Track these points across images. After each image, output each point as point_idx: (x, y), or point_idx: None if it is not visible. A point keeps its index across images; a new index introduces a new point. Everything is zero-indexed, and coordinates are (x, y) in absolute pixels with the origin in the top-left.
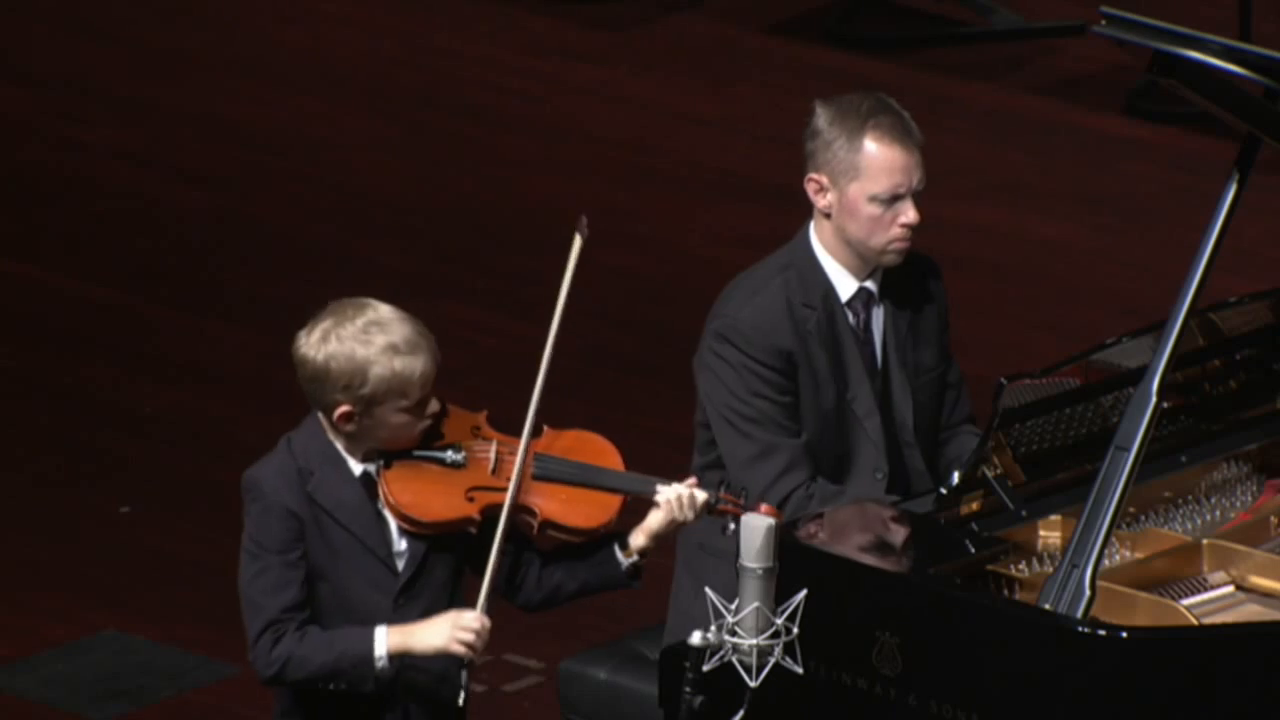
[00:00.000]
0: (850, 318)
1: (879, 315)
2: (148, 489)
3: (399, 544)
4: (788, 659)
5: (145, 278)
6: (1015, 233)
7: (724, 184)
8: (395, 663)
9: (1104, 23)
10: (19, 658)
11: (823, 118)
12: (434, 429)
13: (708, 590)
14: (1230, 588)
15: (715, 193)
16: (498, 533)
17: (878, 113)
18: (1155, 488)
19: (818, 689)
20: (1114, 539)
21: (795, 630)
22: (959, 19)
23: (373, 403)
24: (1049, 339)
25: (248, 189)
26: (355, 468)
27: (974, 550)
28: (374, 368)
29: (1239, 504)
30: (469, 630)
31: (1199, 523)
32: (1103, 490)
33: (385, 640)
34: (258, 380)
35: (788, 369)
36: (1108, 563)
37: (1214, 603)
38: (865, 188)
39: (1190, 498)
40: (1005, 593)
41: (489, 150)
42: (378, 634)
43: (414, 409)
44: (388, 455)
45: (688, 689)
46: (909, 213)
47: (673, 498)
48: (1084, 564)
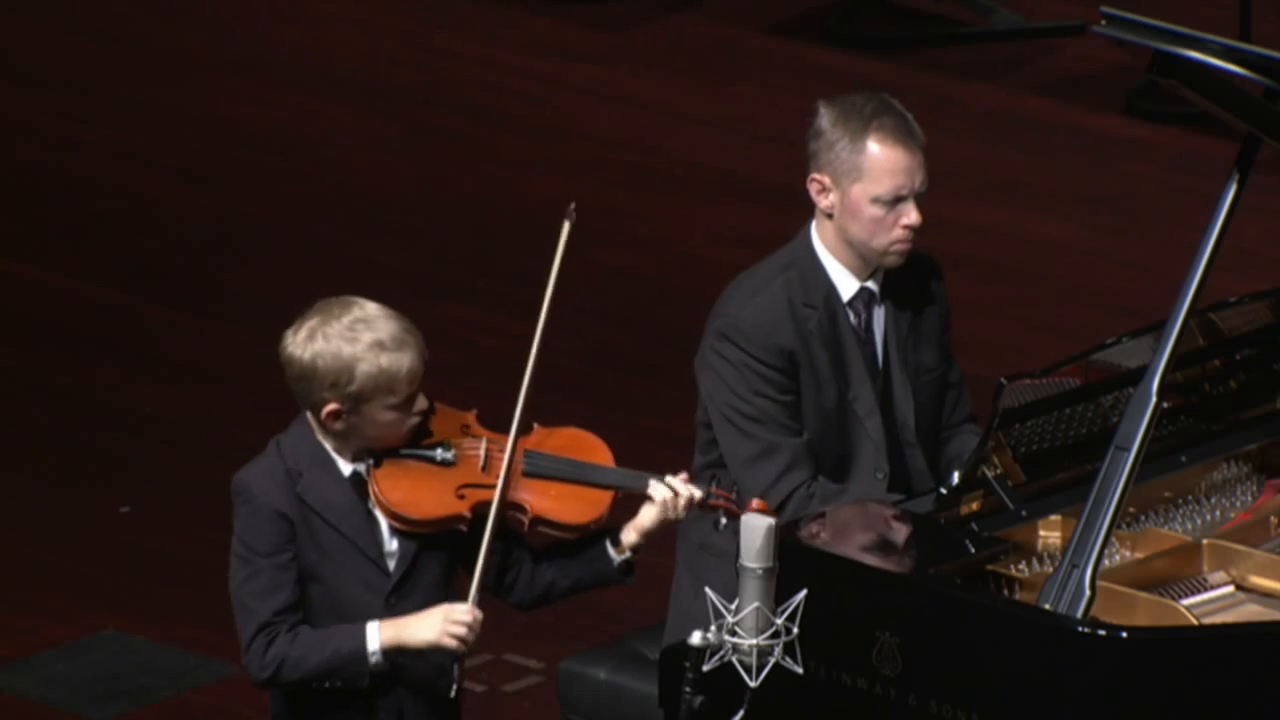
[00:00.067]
0: (851, 317)
1: (880, 315)
2: (148, 489)
3: (390, 544)
4: (788, 659)
5: (145, 278)
6: (1015, 233)
7: (724, 184)
8: (389, 657)
9: (1104, 23)
10: (19, 658)
11: (826, 118)
12: (423, 428)
13: (708, 590)
14: (1230, 588)
15: (715, 193)
16: (488, 528)
17: (881, 114)
18: (1155, 488)
19: (818, 689)
20: (1114, 539)
21: (795, 630)
22: (959, 19)
23: (360, 400)
24: (1049, 339)
25: (248, 189)
26: (345, 468)
27: (974, 550)
28: (361, 365)
29: (1239, 504)
30: (460, 623)
31: (1199, 523)
32: (1103, 490)
33: (378, 636)
34: (258, 380)
35: (789, 368)
36: (1108, 563)
37: (1214, 603)
38: (868, 189)
39: (1190, 498)
40: (1005, 593)
41: (489, 150)
42: (370, 630)
43: (402, 406)
44: (377, 454)
45: (688, 689)
46: (911, 214)
47: (665, 493)
48: (1084, 564)
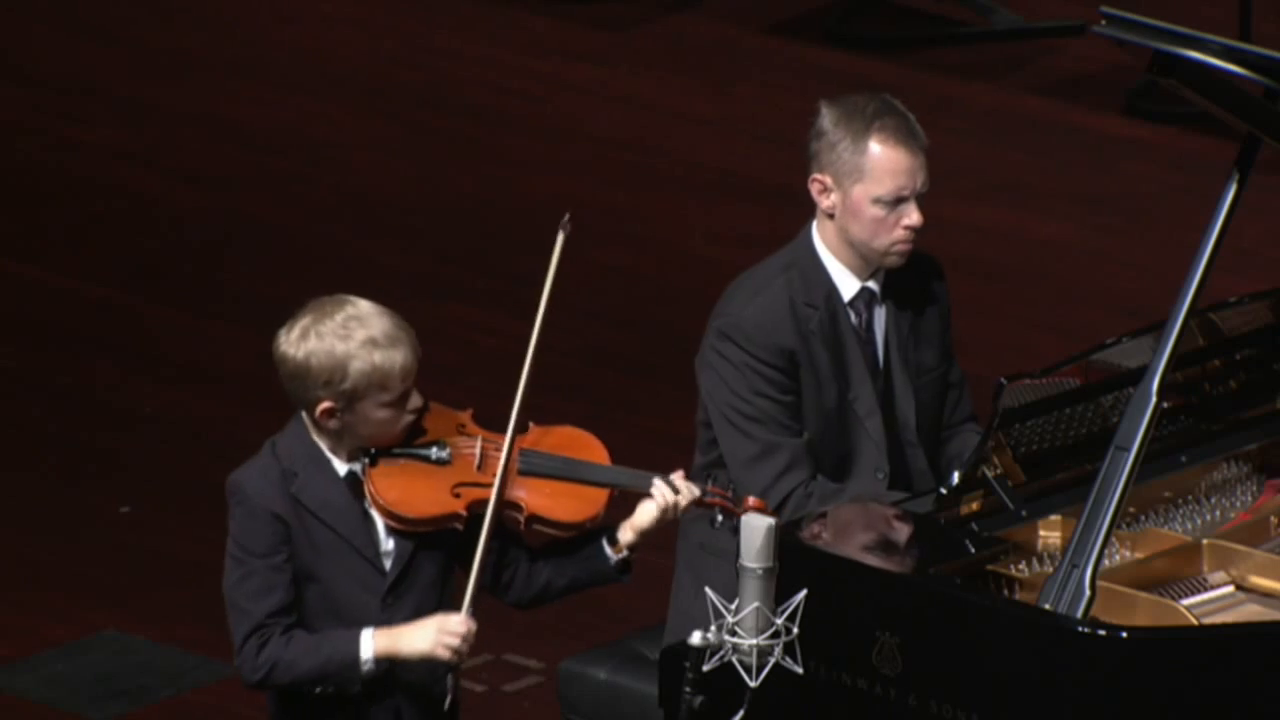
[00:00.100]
0: (852, 317)
1: (881, 315)
2: (148, 489)
3: (386, 543)
4: (788, 659)
5: (145, 278)
6: (1015, 233)
7: (724, 184)
8: (381, 665)
9: (1104, 23)
10: (19, 658)
11: (828, 118)
12: (419, 427)
13: (708, 590)
14: (1230, 588)
15: (715, 193)
16: (484, 528)
17: (883, 114)
18: (1155, 488)
19: (818, 689)
20: (1114, 539)
21: (795, 630)
22: (959, 19)
23: (354, 398)
24: (1049, 339)
25: (248, 189)
26: (340, 468)
27: (974, 550)
28: (354, 362)
29: (1239, 504)
30: (455, 635)
31: (1199, 523)
32: (1103, 490)
33: (372, 644)
34: (258, 380)
35: (789, 368)
36: (1108, 563)
37: (1214, 603)
38: (869, 190)
39: (1190, 498)
40: (1005, 593)
41: (489, 150)
42: (364, 637)
43: (396, 403)
44: (373, 454)
45: (688, 689)
46: (912, 215)
47: (661, 491)
48: (1084, 564)
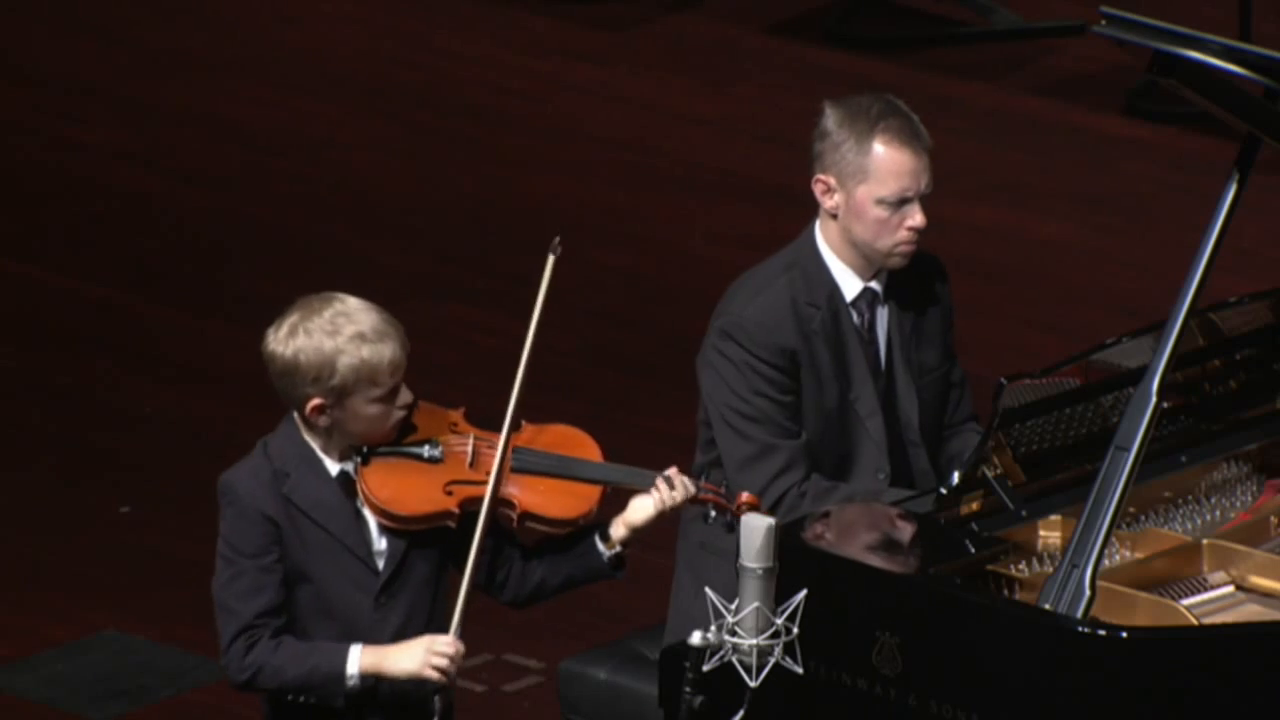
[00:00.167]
0: (854, 317)
1: (883, 315)
2: (148, 489)
3: (379, 543)
4: (788, 659)
5: (145, 278)
6: (1015, 233)
7: (724, 184)
8: (367, 681)
9: (1104, 23)
10: (19, 658)
11: (832, 119)
12: (410, 426)
13: (708, 590)
14: (1230, 588)
15: (715, 193)
16: (479, 525)
17: (887, 115)
18: (1155, 488)
19: (818, 689)
20: (1114, 539)
21: (795, 630)
22: (959, 19)
23: (344, 394)
24: (1049, 339)
25: (248, 189)
26: (332, 467)
27: (974, 550)
28: (342, 357)
29: (1239, 504)
30: (442, 655)
31: (1199, 523)
32: (1103, 490)
33: (358, 660)
34: (258, 380)
35: (790, 368)
36: (1108, 563)
37: (1214, 603)
38: (873, 191)
39: (1190, 498)
40: (1005, 593)
41: (489, 150)
42: (352, 653)
43: (385, 398)
44: (365, 453)
45: (688, 689)
46: (916, 216)
47: (653, 488)
48: (1084, 564)
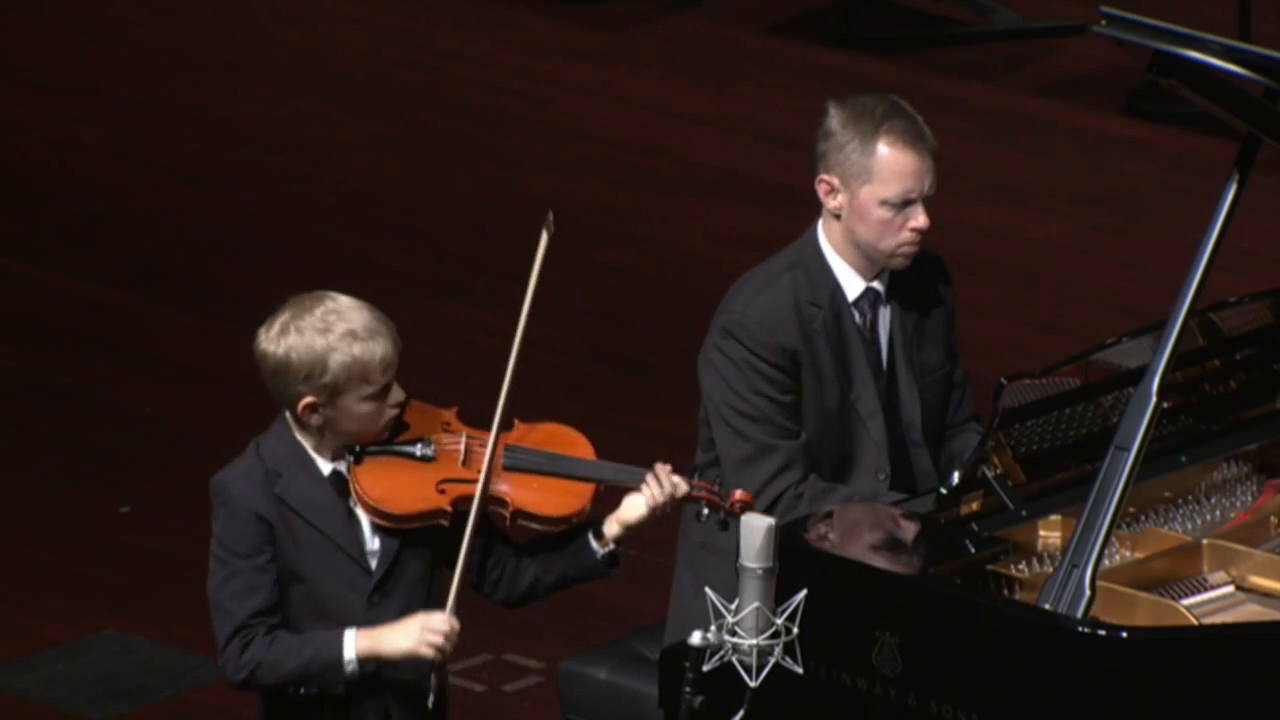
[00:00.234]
0: (856, 317)
1: (885, 315)
2: (148, 489)
3: (371, 542)
4: (788, 659)
5: (145, 278)
6: (1015, 233)
7: (724, 184)
8: (365, 666)
9: (1104, 23)
10: (19, 658)
11: (836, 119)
12: (403, 425)
13: (708, 590)
14: (1230, 588)
15: (715, 193)
16: (469, 523)
17: (891, 116)
18: (1155, 488)
19: (818, 689)
20: (1114, 539)
21: (795, 630)
22: (959, 19)
23: (336, 391)
24: (1049, 339)
25: (248, 189)
26: (324, 467)
27: (974, 550)
28: (334, 355)
29: (1239, 504)
30: (437, 633)
31: (1199, 523)
32: (1103, 490)
33: (354, 644)
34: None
35: (791, 368)
36: (1108, 563)
37: (1214, 603)
38: (877, 191)
39: (1190, 498)
40: (1005, 593)
41: (489, 150)
42: (347, 637)
43: (377, 396)
44: (357, 452)
45: (688, 689)
46: (919, 217)
47: (646, 485)
48: (1084, 564)
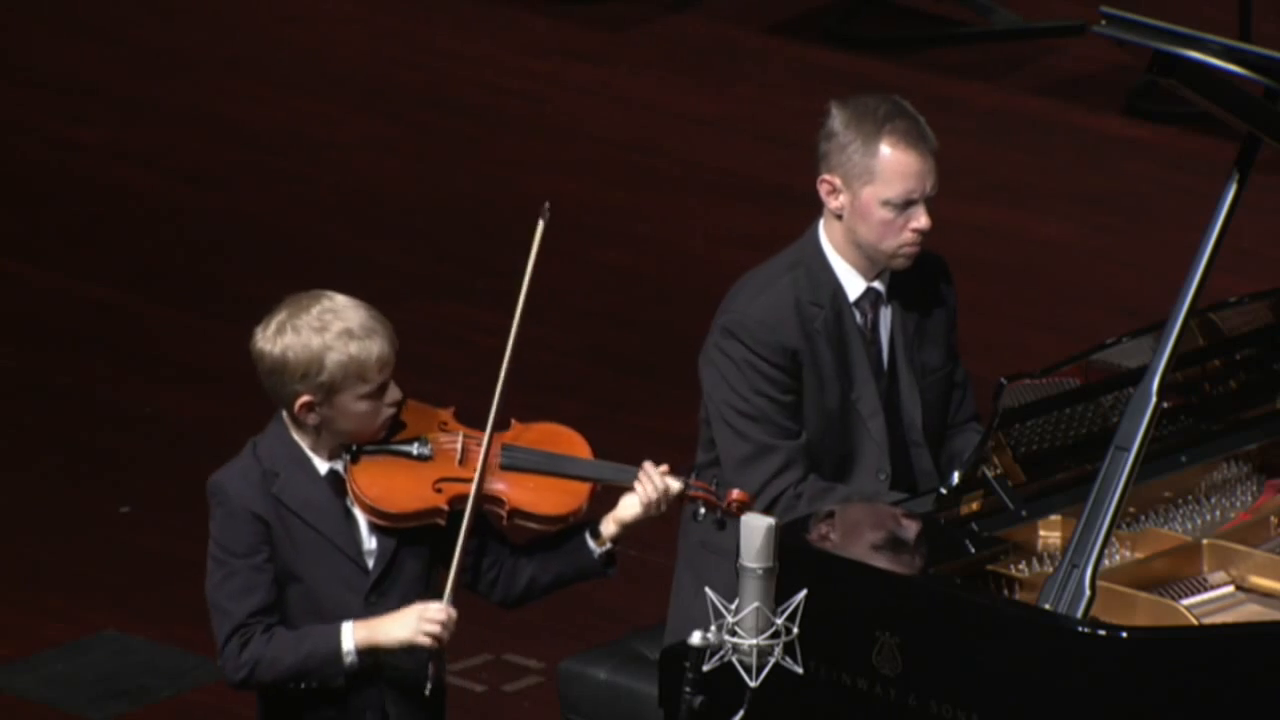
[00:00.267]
0: (858, 317)
1: (886, 315)
2: (148, 489)
3: (369, 542)
4: (788, 659)
5: (145, 278)
6: (1015, 233)
7: (724, 184)
8: (364, 657)
9: (1104, 23)
10: (19, 658)
11: (838, 119)
12: (400, 424)
13: (708, 590)
14: (1230, 588)
15: (715, 193)
16: (465, 520)
17: (894, 117)
18: (1155, 488)
19: (818, 689)
20: (1114, 539)
21: (795, 630)
22: (959, 19)
23: (332, 390)
24: (1049, 339)
25: (248, 189)
26: (321, 466)
27: (974, 550)
28: (330, 354)
29: (1239, 504)
30: (435, 621)
31: (1199, 523)
32: (1103, 490)
33: (352, 636)
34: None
35: (792, 367)
36: (1108, 563)
37: (1214, 603)
38: (879, 192)
39: (1190, 498)
40: (1005, 593)
41: (489, 150)
42: (344, 629)
43: (374, 394)
44: (354, 451)
45: (688, 689)
46: (921, 218)
47: (642, 484)
48: (1084, 564)
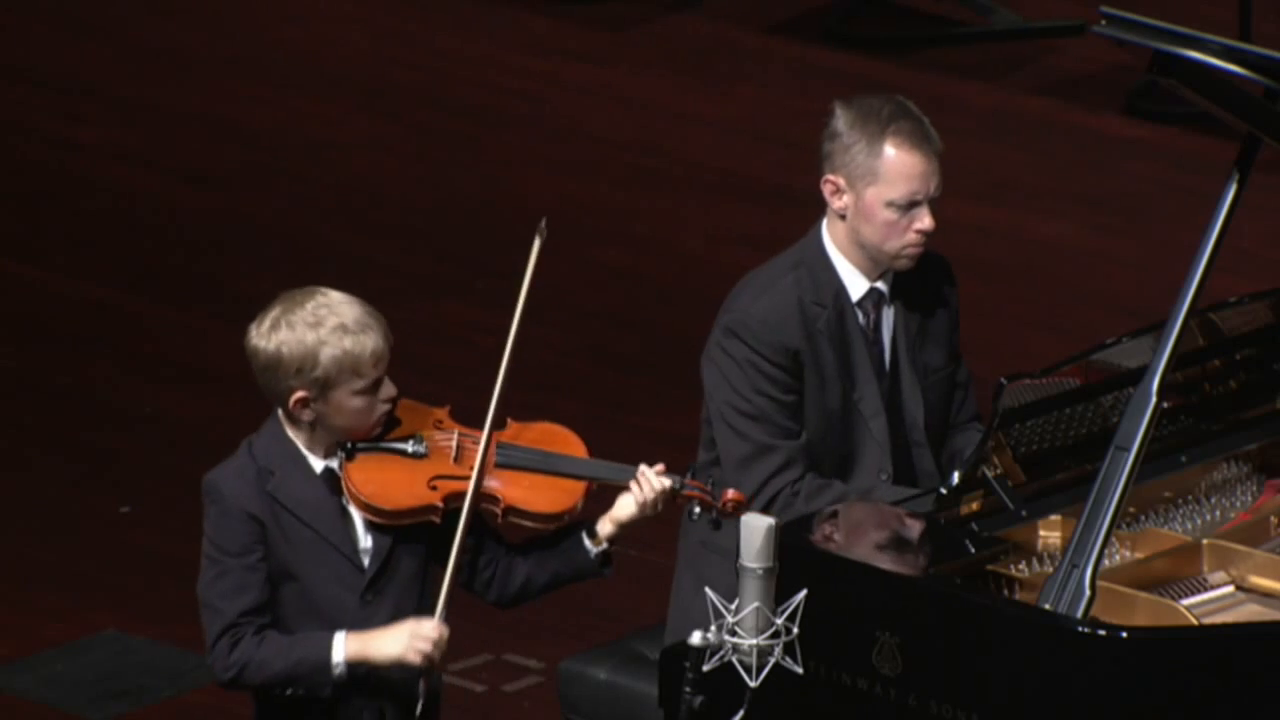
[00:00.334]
0: (860, 317)
1: (889, 315)
2: (148, 489)
3: (364, 540)
4: (788, 659)
5: (145, 278)
6: (1015, 233)
7: (724, 184)
8: (354, 669)
9: (1104, 23)
10: (19, 658)
11: (842, 120)
12: (395, 422)
13: (708, 590)
14: (1230, 588)
15: (715, 193)
16: (462, 518)
17: (898, 118)
18: (1155, 488)
19: (818, 689)
20: (1114, 539)
21: (795, 630)
22: (959, 19)
23: (327, 386)
24: (1049, 339)
25: (248, 189)
26: (317, 465)
27: (974, 550)
28: (325, 349)
29: (1239, 504)
30: (427, 640)
31: (1199, 523)
32: (1103, 490)
33: (343, 647)
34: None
35: (793, 367)
36: (1108, 563)
37: (1214, 603)
38: (883, 193)
39: (1190, 498)
40: (1005, 593)
41: (489, 150)
42: (336, 640)
43: (369, 390)
44: (349, 448)
45: (688, 689)
46: (925, 219)
47: (638, 483)
48: (1084, 564)
